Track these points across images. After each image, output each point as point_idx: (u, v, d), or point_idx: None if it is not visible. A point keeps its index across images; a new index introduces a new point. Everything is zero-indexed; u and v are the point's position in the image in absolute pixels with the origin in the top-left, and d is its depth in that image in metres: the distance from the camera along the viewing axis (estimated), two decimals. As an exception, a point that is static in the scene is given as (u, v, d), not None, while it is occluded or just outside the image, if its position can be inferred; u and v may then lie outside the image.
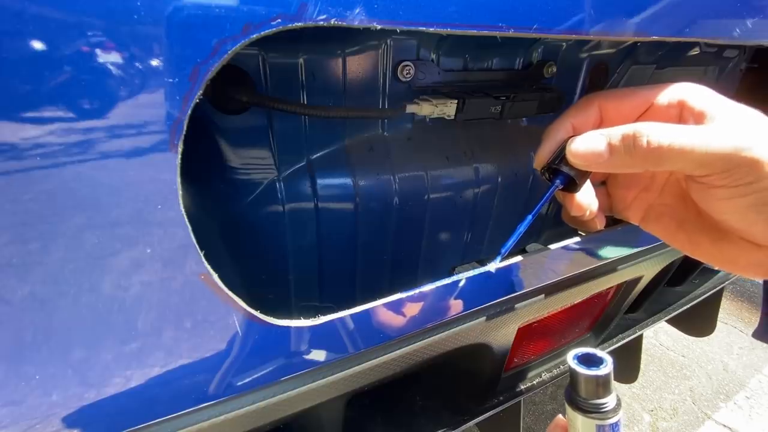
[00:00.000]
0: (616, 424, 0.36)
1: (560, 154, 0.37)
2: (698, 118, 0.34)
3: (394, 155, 0.51)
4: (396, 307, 0.39)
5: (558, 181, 0.37)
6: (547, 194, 0.39)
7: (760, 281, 2.13)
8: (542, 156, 0.39)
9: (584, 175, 0.37)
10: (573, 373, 0.36)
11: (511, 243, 0.40)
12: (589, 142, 0.34)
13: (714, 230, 0.37)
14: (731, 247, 0.36)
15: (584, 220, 0.41)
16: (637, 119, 0.36)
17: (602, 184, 0.44)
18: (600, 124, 0.38)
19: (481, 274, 0.43)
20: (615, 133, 0.33)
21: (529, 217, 0.39)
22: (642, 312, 0.93)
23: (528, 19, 0.32)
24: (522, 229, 0.39)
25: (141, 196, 0.26)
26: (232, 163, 0.46)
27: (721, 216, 0.34)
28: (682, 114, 0.35)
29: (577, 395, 0.36)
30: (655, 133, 0.31)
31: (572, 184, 0.38)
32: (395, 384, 0.62)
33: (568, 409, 0.37)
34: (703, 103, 0.34)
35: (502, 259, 0.41)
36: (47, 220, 0.24)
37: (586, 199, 0.40)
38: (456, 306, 0.43)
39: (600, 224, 0.42)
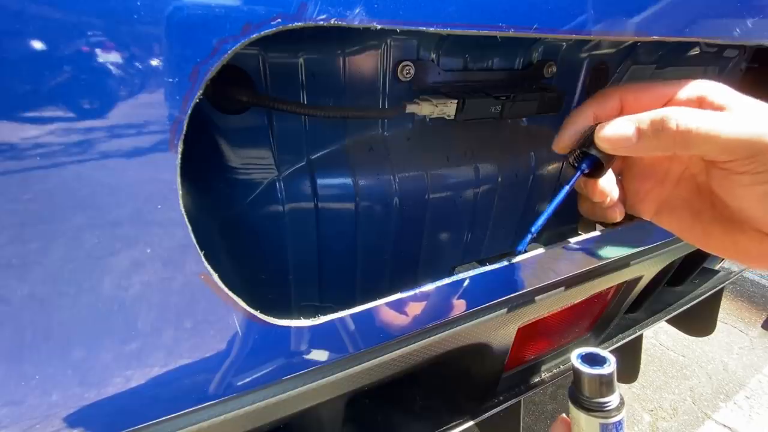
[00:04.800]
0: (620, 422, 0.36)
1: (586, 140, 0.38)
2: (719, 111, 0.35)
3: (394, 155, 0.51)
4: (396, 307, 0.39)
5: (584, 166, 0.39)
6: (574, 177, 0.40)
7: (762, 280, 2.13)
8: (561, 140, 0.40)
9: (610, 159, 0.38)
10: (577, 372, 0.36)
11: (539, 224, 0.41)
12: (618, 127, 0.35)
13: (728, 222, 0.38)
14: (745, 238, 0.37)
15: (604, 208, 0.42)
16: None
17: (617, 177, 0.45)
18: (620, 114, 0.39)
19: (480, 274, 0.43)
20: (643, 117, 0.34)
21: (559, 197, 0.40)
22: (642, 312, 0.93)
23: (528, 19, 0.32)
24: (550, 210, 0.40)
25: (141, 196, 0.26)
26: (232, 163, 0.46)
27: (740, 203, 0.35)
28: (702, 106, 0.36)
29: (581, 394, 0.36)
30: (683, 117, 0.33)
31: (597, 169, 0.39)
32: (395, 384, 0.62)
33: (572, 408, 0.37)
34: (722, 98, 0.35)
35: (531, 242, 0.42)
36: (47, 220, 0.24)
37: (608, 185, 0.41)
38: (455, 306, 0.43)
39: (620, 214, 0.43)
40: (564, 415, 0.41)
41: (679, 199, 0.42)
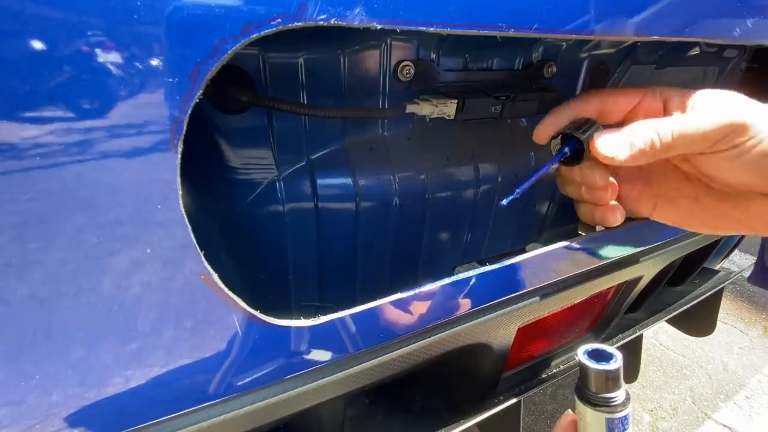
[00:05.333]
0: (626, 417, 0.36)
1: (573, 126, 0.42)
2: (682, 109, 0.40)
3: (394, 155, 0.51)
4: (396, 307, 0.39)
5: (567, 149, 0.42)
6: (558, 155, 0.43)
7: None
8: (543, 129, 0.44)
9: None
10: (583, 368, 0.36)
11: (527, 185, 0.43)
12: (612, 139, 0.39)
13: (731, 196, 0.40)
14: (753, 205, 0.39)
15: (605, 210, 0.44)
16: (631, 110, 0.43)
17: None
18: (599, 114, 0.43)
19: (481, 274, 0.43)
20: (634, 136, 0.39)
21: (546, 166, 0.43)
22: (642, 312, 0.93)
23: (528, 19, 0.32)
24: (539, 173, 0.43)
25: (141, 196, 0.26)
26: (232, 163, 0.46)
27: (733, 176, 0.38)
28: (666, 106, 0.41)
29: (587, 389, 0.37)
30: (662, 129, 0.37)
31: (578, 153, 0.42)
32: (395, 384, 0.62)
33: (578, 404, 0.37)
34: (683, 98, 0.40)
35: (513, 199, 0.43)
36: (47, 220, 0.24)
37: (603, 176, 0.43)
38: (456, 306, 0.43)
39: (621, 216, 0.44)
40: (570, 411, 0.41)
41: (672, 190, 0.44)
